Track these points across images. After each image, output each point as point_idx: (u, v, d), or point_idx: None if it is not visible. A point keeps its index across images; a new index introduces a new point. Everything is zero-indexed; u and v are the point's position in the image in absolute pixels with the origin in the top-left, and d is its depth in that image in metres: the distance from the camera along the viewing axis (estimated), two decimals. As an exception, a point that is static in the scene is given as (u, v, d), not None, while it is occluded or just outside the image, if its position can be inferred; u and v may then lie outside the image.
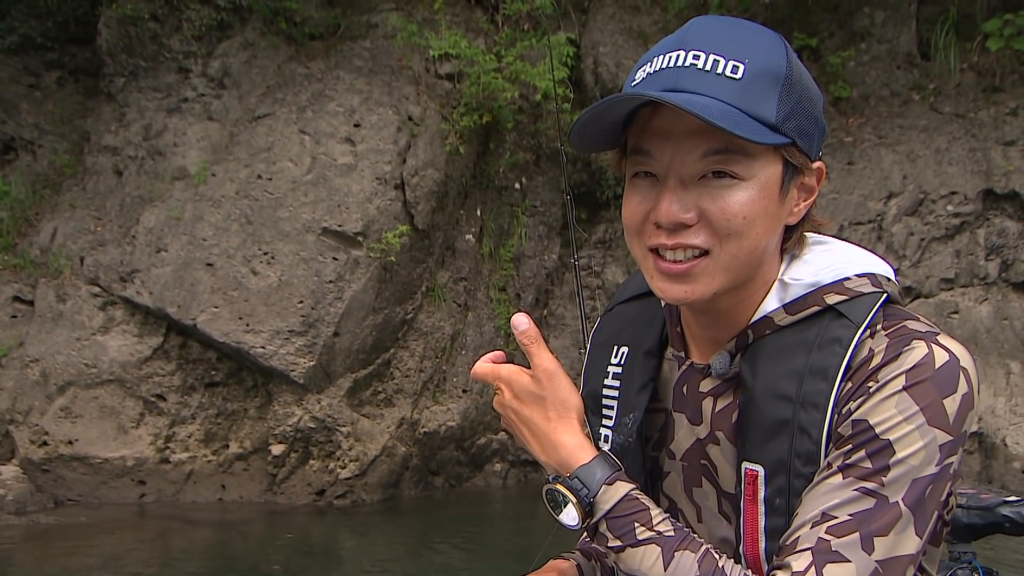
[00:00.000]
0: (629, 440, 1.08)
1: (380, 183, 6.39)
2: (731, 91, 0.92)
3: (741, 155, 0.93)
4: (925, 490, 0.90)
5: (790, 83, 0.94)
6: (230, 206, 6.44)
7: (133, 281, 6.52)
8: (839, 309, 0.97)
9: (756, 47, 0.94)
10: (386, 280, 6.44)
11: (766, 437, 0.96)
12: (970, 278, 6.62)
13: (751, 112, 0.92)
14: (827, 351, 0.95)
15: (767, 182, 0.95)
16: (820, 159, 1.00)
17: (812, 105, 0.97)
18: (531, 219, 7.36)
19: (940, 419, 0.90)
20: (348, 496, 6.21)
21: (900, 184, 6.83)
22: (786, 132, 0.94)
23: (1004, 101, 6.85)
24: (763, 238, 0.96)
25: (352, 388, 6.39)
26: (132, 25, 7.13)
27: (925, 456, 0.90)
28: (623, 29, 7.39)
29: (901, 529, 0.90)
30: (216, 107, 7.00)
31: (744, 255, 0.96)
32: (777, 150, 0.95)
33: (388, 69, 6.88)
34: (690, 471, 1.07)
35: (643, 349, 1.11)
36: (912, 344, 0.93)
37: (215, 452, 6.42)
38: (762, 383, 0.97)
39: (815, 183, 1.01)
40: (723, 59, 0.93)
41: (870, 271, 1.00)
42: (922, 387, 0.90)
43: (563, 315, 7.50)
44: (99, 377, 6.43)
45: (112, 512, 6.09)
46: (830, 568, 0.89)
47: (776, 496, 0.96)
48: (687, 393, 1.07)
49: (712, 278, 0.97)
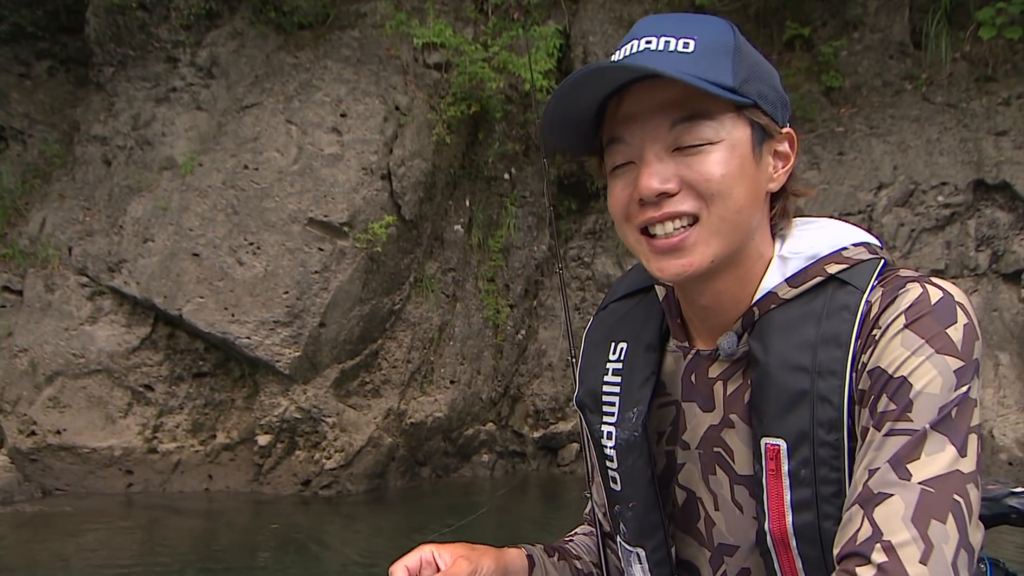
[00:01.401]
0: (634, 435, 1.07)
1: (366, 173, 6.37)
2: (686, 62, 0.96)
3: (707, 119, 0.97)
4: (950, 412, 0.90)
5: (741, 53, 0.99)
6: (216, 196, 6.43)
7: (121, 271, 6.52)
8: (841, 277, 0.98)
9: (702, 27, 0.99)
10: (373, 271, 6.43)
11: (784, 410, 0.96)
12: (960, 269, 6.59)
13: (708, 78, 0.96)
14: (837, 319, 0.96)
15: (738, 143, 0.98)
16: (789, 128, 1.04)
17: (769, 75, 1.02)
18: (520, 209, 7.34)
19: (948, 347, 0.91)
20: (333, 486, 6.23)
21: (891, 175, 6.79)
22: (746, 93, 0.97)
23: (996, 91, 6.79)
24: (746, 199, 0.98)
25: (339, 379, 6.40)
26: (120, 14, 7.10)
27: (943, 383, 0.90)
28: (613, 18, 7.35)
29: (933, 449, 0.89)
30: (204, 97, 6.98)
31: (731, 216, 0.98)
32: (741, 113, 0.98)
33: (376, 59, 6.85)
34: (706, 459, 1.06)
35: (643, 343, 1.11)
36: (906, 287, 0.95)
37: (202, 442, 6.44)
38: (775, 357, 0.97)
39: (789, 150, 1.03)
40: (673, 39, 0.97)
41: (863, 240, 1.03)
42: (923, 321, 0.92)
43: (553, 306, 7.49)
44: (87, 367, 6.44)
45: (99, 502, 6.11)
46: (878, 510, 0.88)
47: (801, 468, 0.95)
48: (696, 381, 1.07)
49: (707, 245, 0.98)
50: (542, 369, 7.28)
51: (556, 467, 7.12)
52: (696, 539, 1.09)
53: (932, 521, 0.86)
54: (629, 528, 1.11)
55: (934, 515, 0.86)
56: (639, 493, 1.08)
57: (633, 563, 1.12)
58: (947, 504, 0.87)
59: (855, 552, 0.87)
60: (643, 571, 1.11)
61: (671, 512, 1.10)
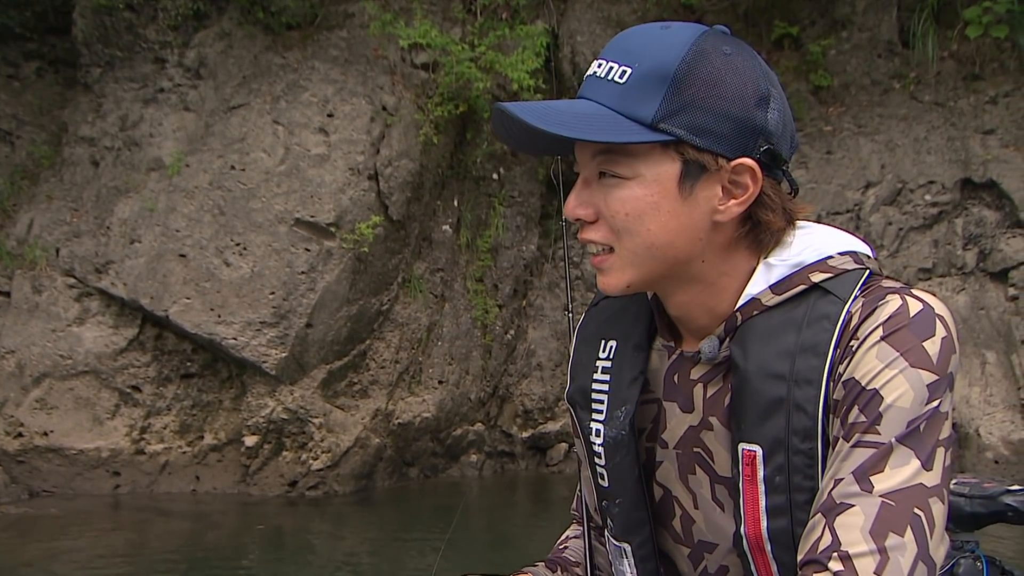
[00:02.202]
0: (622, 433, 1.08)
1: (353, 173, 6.36)
2: (615, 94, 0.97)
3: (622, 155, 0.97)
4: (918, 426, 0.90)
5: (680, 82, 0.95)
6: (203, 197, 6.42)
7: (108, 272, 6.51)
8: (824, 286, 0.98)
9: (653, 50, 0.97)
10: (360, 271, 6.43)
11: (762, 417, 0.97)
12: (948, 268, 6.59)
13: (628, 113, 0.96)
14: (817, 327, 0.96)
15: (658, 180, 0.97)
16: (755, 158, 0.99)
17: (722, 102, 0.97)
18: (509, 209, 7.33)
19: (923, 361, 0.92)
20: (320, 487, 6.22)
21: (878, 174, 6.79)
22: (667, 130, 0.95)
23: (984, 89, 6.80)
24: (662, 235, 0.98)
25: (327, 379, 6.39)
26: (107, 15, 7.10)
27: (914, 397, 0.91)
28: (601, 18, 7.35)
29: (897, 463, 0.90)
30: (192, 97, 6.98)
31: (643, 250, 0.99)
32: (667, 149, 0.96)
33: (364, 59, 6.84)
34: (684, 459, 1.07)
35: (632, 342, 1.12)
36: (886, 298, 0.95)
37: (190, 443, 6.43)
38: (754, 363, 0.98)
39: (748, 181, 0.99)
40: (616, 65, 0.98)
41: (851, 249, 1.02)
42: (900, 334, 0.93)
43: (542, 306, 7.49)
44: (74, 368, 6.43)
45: (86, 503, 6.11)
46: (839, 519, 0.89)
47: (776, 474, 0.96)
48: (678, 381, 1.08)
49: (621, 272, 1.01)
50: (531, 369, 7.28)
51: (544, 467, 7.12)
52: (671, 535, 1.11)
53: (890, 534, 0.87)
54: (616, 524, 1.12)
55: (893, 528, 0.88)
56: (625, 490, 1.10)
57: (621, 557, 1.14)
58: (907, 517, 0.88)
59: (815, 560, 0.90)
60: (630, 565, 1.13)
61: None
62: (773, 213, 1.02)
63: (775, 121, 1.00)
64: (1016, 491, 1.44)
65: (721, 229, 1.01)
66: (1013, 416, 6.00)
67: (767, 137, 0.99)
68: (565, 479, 6.98)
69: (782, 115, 1.01)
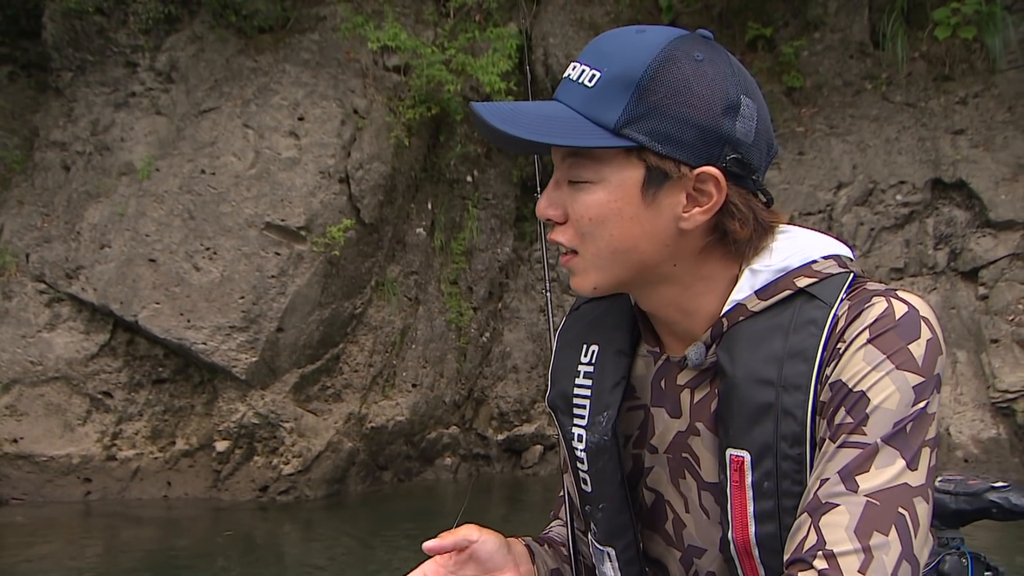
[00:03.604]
0: (604, 439, 1.07)
1: (324, 177, 6.34)
2: (582, 98, 0.97)
3: (588, 159, 0.98)
4: (904, 427, 0.91)
5: (644, 88, 0.95)
6: (173, 201, 6.39)
7: (78, 278, 6.48)
8: (810, 291, 0.98)
9: (623, 55, 0.97)
10: (332, 275, 6.41)
11: (750, 422, 0.97)
12: (919, 267, 6.62)
13: (593, 117, 0.96)
14: (804, 333, 0.96)
15: (620, 186, 0.98)
16: (720, 166, 0.97)
17: (687, 109, 0.95)
18: (483, 212, 7.32)
19: (909, 363, 0.92)
20: (291, 492, 6.20)
21: (850, 174, 6.82)
22: (629, 136, 0.95)
23: (954, 90, 6.83)
24: (624, 240, 0.99)
25: (299, 383, 6.37)
26: (77, 19, 7.06)
27: (900, 399, 0.91)
28: (574, 20, 7.35)
29: (883, 463, 0.90)
30: (164, 101, 6.95)
31: (606, 254, 1.00)
32: (630, 155, 0.97)
33: (335, 62, 6.82)
34: (675, 463, 1.07)
35: (614, 347, 1.11)
36: (872, 301, 0.95)
37: (161, 449, 6.39)
38: (742, 369, 0.98)
39: (712, 189, 0.98)
40: (588, 68, 0.98)
41: (834, 253, 1.02)
42: (886, 337, 0.93)
43: (518, 308, 7.48)
44: (45, 374, 6.39)
45: (57, 510, 6.06)
46: (824, 519, 0.90)
47: (764, 480, 0.96)
48: (665, 387, 1.08)
49: (586, 273, 1.02)
50: (506, 371, 7.27)
51: (520, 469, 7.11)
52: (664, 539, 1.11)
53: (875, 532, 0.88)
54: (600, 528, 1.12)
55: (877, 527, 0.88)
56: (608, 495, 1.09)
57: (604, 561, 1.14)
58: (891, 516, 0.89)
59: (800, 559, 0.91)
60: (614, 569, 1.12)
61: (639, 512, 1.12)
62: (740, 223, 1.00)
63: (745, 130, 0.98)
64: (1001, 488, 1.45)
65: (688, 236, 1.00)
66: (983, 415, 6.02)
67: (734, 146, 0.97)
68: (540, 481, 6.97)
69: (756, 123, 0.99)
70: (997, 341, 6.10)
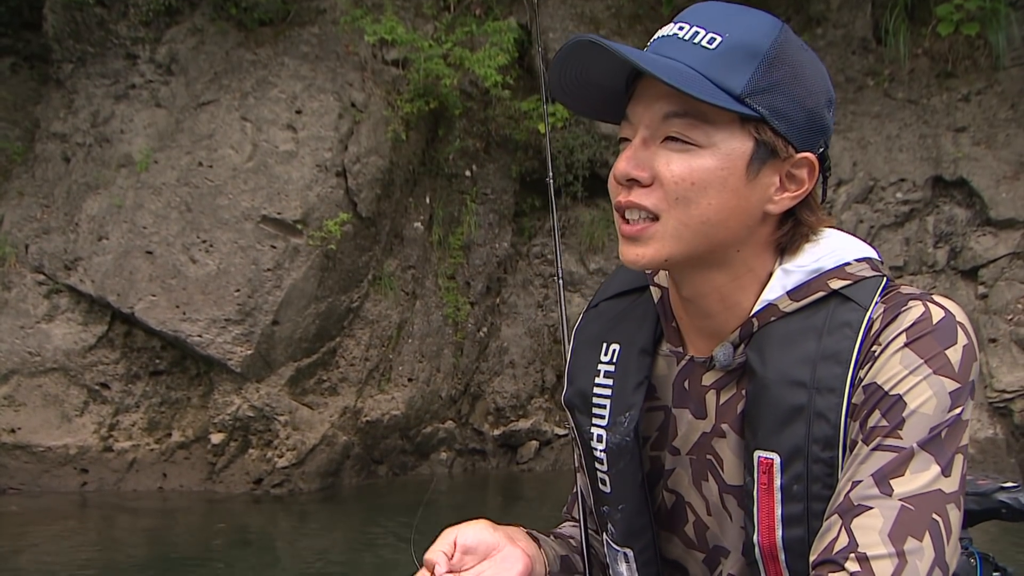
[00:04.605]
0: (627, 440, 1.06)
1: (320, 170, 6.34)
2: (702, 59, 0.94)
3: (701, 121, 0.94)
4: (940, 433, 0.90)
5: (770, 62, 0.94)
6: (170, 194, 6.40)
7: (76, 269, 6.50)
8: (844, 293, 0.97)
9: (742, 25, 0.96)
10: (329, 268, 6.41)
11: (780, 424, 0.95)
12: (919, 265, 6.58)
13: (716, 80, 0.93)
14: (838, 335, 0.95)
15: (729, 154, 0.95)
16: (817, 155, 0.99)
17: (802, 92, 0.96)
18: (481, 207, 7.31)
19: (945, 368, 0.92)
20: (285, 485, 6.21)
21: (850, 171, 6.77)
22: (752, 106, 0.94)
23: (956, 87, 6.77)
24: (718, 212, 0.96)
25: (295, 377, 6.37)
26: (78, 10, 7.07)
27: (937, 404, 0.91)
28: (574, 15, 7.32)
29: (918, 468, 0.89)
30: (164, 94, 6.96)
31: (694, 224, 0.96)
32: (745, 126, 0.95)
33: (334, 55, 6.82)
34: (698, 465, 1.06)
35: (637, 346, 1.09)
36: (908, 304, 0.95)
37: (158, 441, 6.42)
38: (773, 370, 0.96)
39: (805, 176, 0.98)
40: (703, 31, 0.96)
41: (867, 256, 1.02)
42: (923, 341, 0.92)
43: (515, 303, 7.47)
44: (43, 365, 6.42)
45: (53, 500, 6.10)
46: (856, 521, 0.89)
47: (794, 483, 0.95)
48: (689, 387, 1.06)
49: (661, 243, 0.97)
50: (503, 367, 7.26)
51: (515, 465, 7.11)
52: (683, 541, 1.09)
53: (909, 537, 0.87)
54: (617, 529, 1.11)
55: (911, 532, 0.87)
56: (628, 496, 1.08)
57: (620, 562, 1.12)
58: (925, 522, 0.88)
59: (830, 560, 0.89)
60: (630, 570, 1.11)
61: (657, 514, 1.11)
62: (814, 216, 1.01)
63: (832, 126, 1.01)
64: (1010, 488, 1.44)
65: (767, 222, 0.99)
66: (979, 414, 5.98)
67: (826, 139, 1.00)
68: (535, 477, 6.98)
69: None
70: (995, 340, 6.05)
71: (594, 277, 7.20)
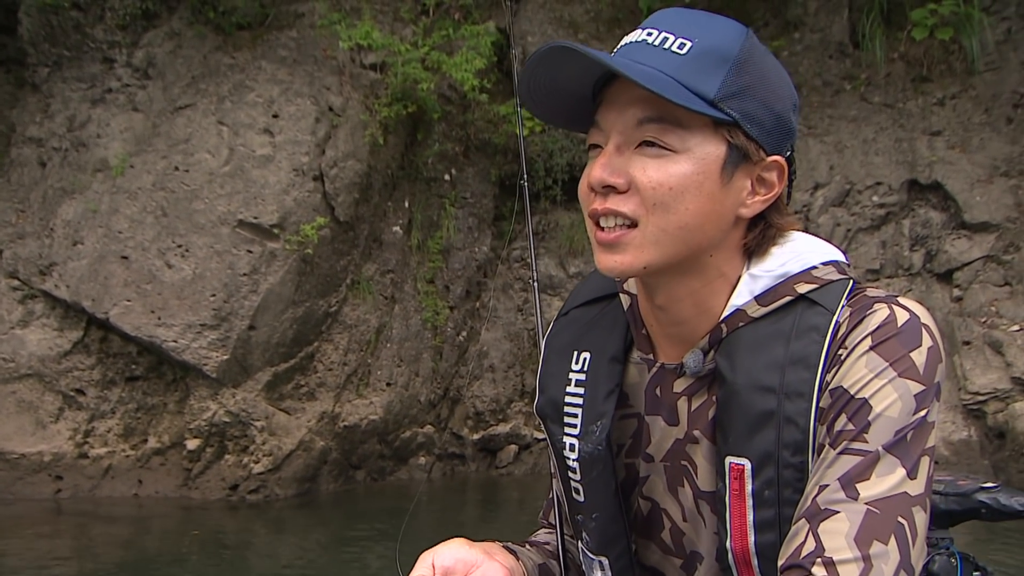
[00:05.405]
0: (599, 449, 1.05)
1: (297, 174, 6.32)
2: (674, 64, 0.94)
3: (675, 126, 0.94)
4: (905, 435, 0.90)
5: (740, 66, 0.95)
6: (146, 198, 6.37)
7: (51, 274, 6.45)
8: (811, 297, 0.97)
9: (710, 30, 0.96)
10: (306, 273, 6.39)
11: (751, 430, 0.95)
12: (895, 268, 6.61)
13: (689, 85, 0.93)
14: (806, 339, 0.95)
15: (704, 159, 0.95)
16: (786, 158, 1.00)
17: (771, 96, 0.97)
18: (460, 211, 7.30)
19: (910, 371, 0.92)
20: (261, 491, 6.18)
21: (827, 175, 6.80)
22: (725, 110, 0.94)
23: (932, 91, 6.82)
24: (695, 217, 0.95)
25: (272, 382, 6.34)
26: (54, 14, 7.03)
27: (902, 407, 0.91)
28: (553, 18, 7.33)
29: (884, 471, 0.90)
30: (140, 98, 6.92)
31: (672, 229, 0.95)
32: (718, 130, 0.95)
33: (312, 59, 6.80)
34: (672, 471, 1.06)
35: (608, 355, 1.09)
36: (874, 307, 0.95)
37: (133, 447, 6.37)
38: (742, 376, 0.96)
39: (775, 179, 0.99)
40: (673, 36, 0.95)
41: (833, 259, 1.01)
42: (888, 344, 0.92)
43: (495, 307, 7.46)
44: (17, 371, 6.37)
45: (27, 508, 6.04)
46: (823, 525, 0.89)
47: (765, 488, 0.95)
48: (660, 394, 1.06)
49: (640, 250, 0.96)
50: (483, 371, 7.25)
51: (494, 469, 7.10)
52: (660, 548, 1.09)
53: (875, 541, 0.87)
54: (592, 538, 1.10)
55: (877, 535, 0.88)
56: (602, 504, 1.08)
57: (595, 570, 1.12)
58: (891, 525, 0.88)
59: (797, 564, 0.89)
60: None
61: (633, 521, 1.10)
62: (783, 219, 1.02)
63: (797, 130, 1.01)
64: (990, 488, 1.45)
65: (739, 225, 1.00)
66: (954, 417, 6.02)
67: (792, 142, 1.01)
68: (515, 481, 6.96)
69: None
70: (969, 343, 6.09)
71: (573, 281, 7.20)
